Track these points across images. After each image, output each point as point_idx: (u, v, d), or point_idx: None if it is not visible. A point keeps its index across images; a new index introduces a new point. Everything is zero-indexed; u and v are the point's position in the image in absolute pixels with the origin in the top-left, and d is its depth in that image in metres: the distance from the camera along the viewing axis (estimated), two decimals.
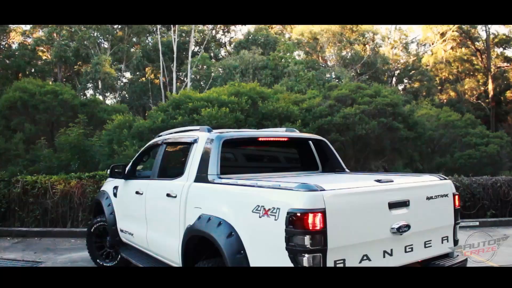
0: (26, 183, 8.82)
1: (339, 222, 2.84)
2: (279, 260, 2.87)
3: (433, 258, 3.42)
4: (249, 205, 3.14)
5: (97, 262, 5.99)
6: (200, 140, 4.16)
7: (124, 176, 5.45)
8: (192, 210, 3.80)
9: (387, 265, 3.09)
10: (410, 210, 3.21)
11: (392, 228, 3.08)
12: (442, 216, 3.49)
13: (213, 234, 3.35)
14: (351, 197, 3.01)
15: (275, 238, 2.88)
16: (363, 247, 2.96)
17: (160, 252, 4.49)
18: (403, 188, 3.35)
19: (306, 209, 2.73)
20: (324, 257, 2.75)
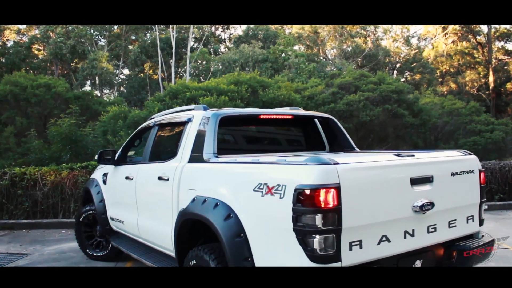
0: (14, 175, 8.41)
1: (355, 199, 2.43)
2: (285, 243, 2.47)
3: (457, 239, 3.02)
4: (250, 183, 2.74)
5: (87, 252, 5.61)
6: (195, 119, 3.75)
7: (114, 162, 5.05)
8: (185, 192, 3.39)
9: (408, 246, 2.70)
10: (433, 186, 2.81)
11: (414, 206, 2.68)
12: (468, 194, 3.09)
13: (209, 217, 2.95)
14: (368, 171, 2.61)
15: (280, 218, 2.48)
16: (382, 227, 2.56)
17: (152, 239, 4.09)
18: (426, 163, 2.95)
19: (318, 185, 2.32)
20: (338, 239, 2.35)
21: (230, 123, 3.87)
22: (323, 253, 2.32)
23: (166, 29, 28.23)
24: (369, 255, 2.50)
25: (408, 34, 30.94)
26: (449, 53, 31.54)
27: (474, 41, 31.37)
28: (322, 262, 2.32)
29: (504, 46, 31.90)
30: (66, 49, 23.57)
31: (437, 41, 31.71)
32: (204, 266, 3.04)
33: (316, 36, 27.03)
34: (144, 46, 26.51)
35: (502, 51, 31.64)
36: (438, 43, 31.78)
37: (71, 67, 27.29)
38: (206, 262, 2.99)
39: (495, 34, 30.86)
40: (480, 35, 31.43)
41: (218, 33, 32.21)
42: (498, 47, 31.77)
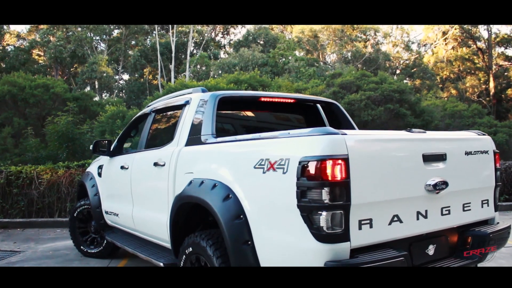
0: (10, 173, 8.22)
1: (365, 173, 2.25)
2: (288, 222, 2.28)
3: (471, 225, 2.83)
4: (250, 160, 2.56)
5: (81, 249, 5.41)
6: (193, 101, 3.58)
7: (109, 153, 4.87)
8: (182, 177, 3.21)
9: (421, 229, 2.51)
10: (447, 165, 2.63)
11: (427, 185, 2.50)
12: (482, 176, 2.91)
13: (206, 199, 2.76)
14: (378, 144, 2.42)
15: (284, 195, 2.29)
16: (394, 206, 2.37)
17: (147, 231, 3.90)
18: (439, 139, 2.77)
19: (324, 156, 2.14)
20: (346, 216, 2.16)
21: (229, 106, 3.69)
22: (330, 231, 2.13)
23: (166, 34, 28.21)
24: (380, 236, 2.31)
25: (408, 39, 30.91)
26: (449, 59, 31.52)
27: (474, 47, 31.34)
28: (329, 241, 2.13)
29: (505, 52, 31.89)
30: (66, 53, 23.48)
31: (437, 47, 31.68)
32: (201, 253, 2.85)
33: (316, 40, 26.95)
34: (143, 50, 26.45)
35: (503, 57, 31.63)
36: (438, 49, 31.75)
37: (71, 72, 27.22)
38: (203, 249, 2.80)
39: (495, 40, 30.85)
40: (480, 40, 31.41)
41: (218, 38, 32.18)
42: (498, 53, 31.76)
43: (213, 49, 28.32)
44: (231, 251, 2.53)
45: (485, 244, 2.73)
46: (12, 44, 27.18)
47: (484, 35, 30.91)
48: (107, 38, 26.82)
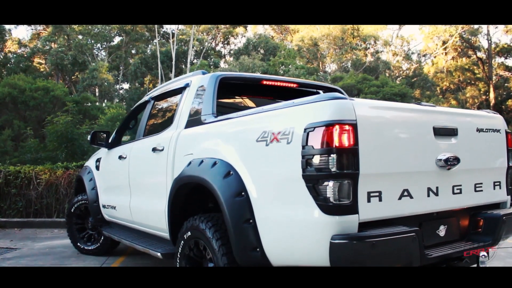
0: (9, 173, 8.11)
1: (373, 142, 2.14)
2: (292, 195, 2.17)
3: (483, 207, 2.71)
4: (253, 134, 2.45)
5: (78, 246, 5.28)
6: (193, 83, 3.50)
7: (108, 145, 4.77)
8: (181, 159, 3.10)
9: (432, 206, 2.40)
10: (459, 140, 2.52)
11: (438, 159, 2.39)
12: (494, 155, 2.80)
13: (206, 177, 2.65)
14: (388, 112, 2.31)
15: (288, 167, 2.18)
16: (404, 179, 2.26)
17: (145, 221, 3.77)
18: (450, 113, 2.67)
19: (331, 121, 2.03)
20: (354, 186, 2.04)
21: (230, 89, 3.59)
22: (338, 202, 2.01)
23: (167, 42, 28.31)
24: (389, 211, 2.20)
25: (408, 48, 31.00)
26: (449, 69, 31.58)
27: (474, 57, 31.43)
28: (336, 213, 2.01)
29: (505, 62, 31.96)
30: (67, 60, 23.53)
31: (437, 57, 31.75)
32: (200, 237, 2.73)
33: (315, 49, 27.02)
34: (144, 58, 26.52)
35: (503, 67, 31.69)
36: (438, 59, 31.83)
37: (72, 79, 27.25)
38: (202, 232, 2.68)
39: (495, 50, 30.94)
40: (480, 50, 31.50)
41: (218, 48, 32.30)
42: (498, 63, 31.83)
43: (214, 58, 28.41)
44: (232, 230, 2.41)
45: (498, 228, 2.61)
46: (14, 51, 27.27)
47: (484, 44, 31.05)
48: (108, 45, 26.88)
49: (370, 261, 2.05)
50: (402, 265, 2.19)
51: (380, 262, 2.08)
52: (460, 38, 30.34)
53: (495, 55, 31.25)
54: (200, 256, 2.84)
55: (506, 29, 30.27)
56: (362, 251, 1.99)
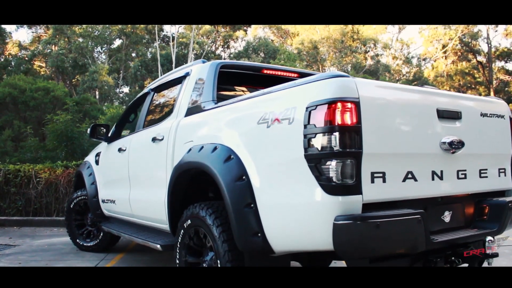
0: (8, 172, 8.07)
1: (377, 121, 2.10)
2: (294, 177, 2.12)
3: (488, 194, 2.67)
4: (253, 117, 2.42)
5: (77, 242, 5.23)
6: (193, 72, 3.47)
7: (107, 138, 4.74)
8: (181, 147, 3.06)
9: (436, 191, 2.35)
10: (462, 124, 2.49)
11: (442, 142, 2.35)
12: (499, 141, 2.76)
13: (206, 162, 2.61)
14: (391, 92, 2.27)
15: (289, 148, 2.14)
16: (408, 161, 2.22)
17: (145, 213, 3.73)
18: (454, 96, 2.64)
19: (333, 98, 1.99)
20: (358, 165, 2.00)
21: (230, 78, 3.56)
22: (341, 182, 1.96)
23: (167, 46, 28.34)
24: (394, 193, 2.15)
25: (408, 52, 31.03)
26: (449, 73, 31.59)
27: (474, 61, 31.45)
28: (339, 193, 1.96)
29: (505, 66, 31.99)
30: (68, 62, 23.55)
31: (437, 61, 31.77)
32: (200, 225, 2.68)
33: (315, 51, 27.05)
34: (144, 61, 26.54)
35: (503, 71, 31.70)
36: (438, 63, 31.84)
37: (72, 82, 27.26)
38: (202, 220, 2.63)
39: (495, 53, 30.96)
40: (480, 54, 31.54)
41: (218, 52, 32.34)
42: (498, 67, 31.85)
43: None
44: (233, 215, 2.36)
45: (504, 215, 2.56)
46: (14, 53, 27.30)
47: (484, 48, 31.08)
48: (108, 48, 26.92)
49: (374, 244, 2.00)
50: (406, 250, 2.14)
51: (384, 245, 2.03)
52: (460, 41, 30.38)
53: (495, 59, 31.28)
54: (200, 245, 2.79)
55: (506, 33, 30.34)
56: (366, 232, 1.94)
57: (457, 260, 2.38)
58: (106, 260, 4.67)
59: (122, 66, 26.80)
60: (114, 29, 25.88)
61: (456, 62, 32.23)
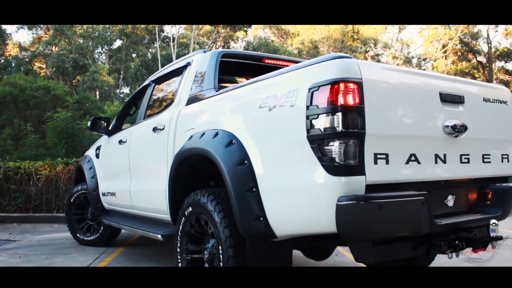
0: (8, 169, 8.05)
1: (379, 102, 2.08)
2: (296, 159, 2.10)
3: (492, 179, 2.65)
4: (255, 101, 2.40)
5: (77, 236, 5.21)
6: (194, 62, 3.46)
7: (108, 132, 4.72)
8: (182, 135, 3.05)
9: (439, 174, 2.33)
10: (465, 108, 2.47)
11: (445, 126, 2.33)
12: (502, 127, 2.73)
13: (207, 147, 2.59)
14: (394, 74, 2.26)
15: (291, 130, 2.12)
16: (411, 144, 2.20)
17: (145, 204, 3.71)
18: (456, 80, 2.62)
19: (336, 79, 1.97)
20: (361, 146, 1.98)
21: (230, 67, 3.54)
22: (343, 163, 1.94)
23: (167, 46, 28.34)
24: (397, 174, 2.13)
25: (408, 51, 31.03)
26: (449, 73, 31.57)
27: (474, 61, 31.43)
28: (342, 174, 1.94)
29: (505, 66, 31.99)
30: (68, 63, 23.54)
31: (437, 61, 31.76)
32: (201, 212, 2.66)
33: (316, 51, 27.04)
34: (144, 61, 26.53)
35: (503, 71, 31.70)
36: (438, 63, 31.83)
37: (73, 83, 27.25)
38: (204, 206, 2.61)
39: (495, 53, 30.95)
40: (480, 54, 31.53)
41: None
42: (498, 67, 31.85)
43: None
44: (234, 200, 2.34)
45: (507, 200, 2.54)
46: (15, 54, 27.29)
47: (484, 48, 31.08)
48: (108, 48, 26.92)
49: (378, 225, 1.97)
50: (410, 232, 2.12)
51: (388, 226, 2.01)
52: (460, 42, 30.38)
53: (495, 59, 31.27)
54: (201, 232, 2.77)
55: (506, 33, 30.35)
56: (369, 213, 1.91)
57: (461, 244, 2.36)
58: (106, 254, 4.65)
59: (122, 66, 26.80)
60: (115, 29, 25.89)
61: (456, 62, 32.22)
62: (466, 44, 31.09)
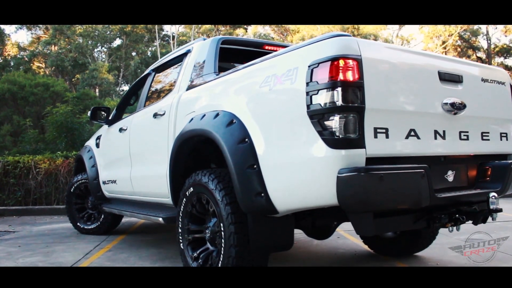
0: (7, 163, 8.06)
1: (379, 78, 2.10)
2: (297, 135, 2.12)
3: (491, 156, 2.66)
4: (256, 81, 2.42)
5: (77, 225, 5.22)
6: (195, 49, 3.48)
7: (108, 121, 4.73)
8: (183, 119, 3.06)
9: (440, 150, 2.35)
10: (464, 87, 2.49)
11: (444, 103, 2.34)
12: (500, 106, 2.75)
13: (208, 128, 2.60)
14: (393, 51, 2.29)
15: (292, 107, 2.13)
16: (410, 119, 2.21)
17: (146, 189, 3.72)
18: (454, 60, 2.64)
19: (335, 55, 1.99)
20: (360, 120, 1.99)
21: (230, 54, 3.55)
22: (344, 136, 1.95)
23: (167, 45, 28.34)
24: (397, 148, 2.14)
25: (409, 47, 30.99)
26: None
27: (474, 57, 31.43)
28: (342, 147, 1.95)
29: (504, 61, 32.01)
30: (68, 62, 23.54)
31: None
32: (202, 191, 2.67)
33: None
34: (144, 58, 26.54)
35: (502, 67, 31.69)
36: None
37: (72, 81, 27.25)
38: (205, 186, 2.62)
39: (495, 50, 31.00)
40: (480, 50, 31.55)
41: None
42: (497, 63, 31.87)
43: None
44: (235, 177, 2.35)
45: (507, 175, 2.56)
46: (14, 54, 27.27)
47: (484, 45, 31.13)
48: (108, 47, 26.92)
49: (378, 197, 1.98)
50: (410, 205, 2.13)
51: (388, 198, 2.02)
52: (460, 38, 30.40)
53: (494, 55, 31.30)
54: (203, 212, 2.78)
55: (505, 30, 30.37)
56: (370, 184, 1.93)
57: (461, 218, 2.37)
58: (107, 241, 4.66)
59: (122, 64, 26.81)
60: (114, 28, 25.89)
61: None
62: (466, 41, 31.12)
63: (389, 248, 3.70)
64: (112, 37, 26.95)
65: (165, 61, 3.98)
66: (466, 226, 2.56)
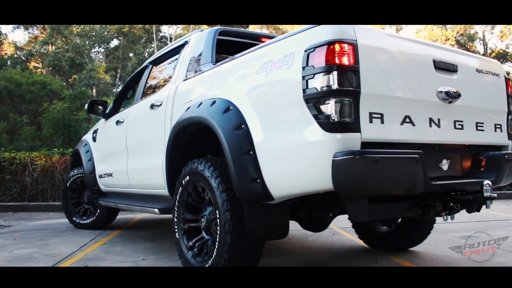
0: (3, 159, 8.03)
1: (374, 64, 2.12)
2: (293, 119, 2.13)
3: (485, 147, 2.68)
4: (252, 68, 2.44)
5: (73, 220, 5.21)
6: (192, 40, 3.49)
7: (105, 115, 4.73)
8: (179, 108, 3.07)
9: (434, 138, 2.36)
10: (459, 77, 2.51)
11: (439, 92, 2.36)
12: (494, 98, 2.78)
13: (204, 115, 2.62)
14: (388, 38, 2.31)
15: (288, 92, 2.15)
16: (405, 106, 2.23)
17: (142, 181, 3.72)
18: (449, 49, 2.67)
19: (331, 40, 2.01)
20: (356, 104, 2.01)
21: (228, 46, 3.57)
22: (339, 120, 1.97)
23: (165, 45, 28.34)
24: (392, 134, 2.16)
25: None
26: None
27: None
28: (338, 131, 1.97)
29: None
30: (65, 61, 23.49)
31: None
32: (198, 179, 2.68)
33: None
34: (142, 59, 26.50)
35: None
36: None
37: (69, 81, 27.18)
38: (201, 173, 2.63)
39: (491, 55, 31.15)
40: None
41: None
42: None
43: None
44: (231, 163, 2.36)
45: (501, 166, 2.58)
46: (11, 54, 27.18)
47: (480, 50, 31.28)
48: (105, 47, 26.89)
49: (373, 181, 2.00)
50: (405, 190, 2.15)
51: (383, 183, 2.03)
52: (457, 43, 30.55)
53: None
54: (198, 200, 2.79)
55: (501, 35, 30.56)
56: (365, 168, 1.94)
57: (456, 206, 2.39)
58: (103, 235, 4.65)
59: (119, 65, 26.76)
60: (112, 28, 25.87)
61: None
62: (463, 45, 31.25)
63: (384, 242, 3.71)
64: (110, 37, 26.91)
65: (162, 53, 3.99)
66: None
